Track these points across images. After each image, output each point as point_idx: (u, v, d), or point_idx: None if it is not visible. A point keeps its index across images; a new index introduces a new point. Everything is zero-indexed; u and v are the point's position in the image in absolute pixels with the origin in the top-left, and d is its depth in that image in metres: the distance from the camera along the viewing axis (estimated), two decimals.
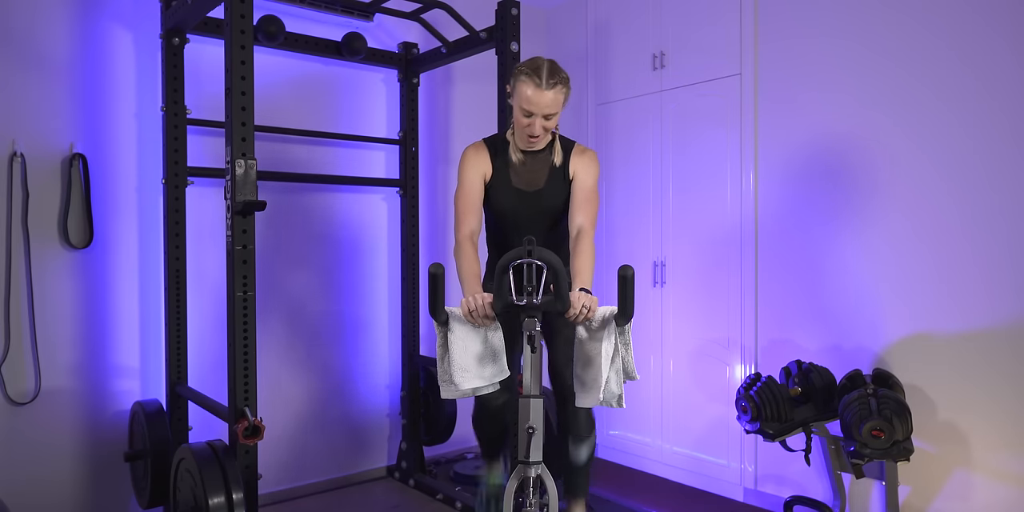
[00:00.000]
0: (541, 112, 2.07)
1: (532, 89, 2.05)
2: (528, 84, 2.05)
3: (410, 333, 3.51)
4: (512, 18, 2.91)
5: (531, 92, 2.05)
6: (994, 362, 2.51)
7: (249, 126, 2.25)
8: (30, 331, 2.70)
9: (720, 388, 3.32)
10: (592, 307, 1.86)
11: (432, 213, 3.80)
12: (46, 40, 2.73)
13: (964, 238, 2.58)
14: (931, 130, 2.67)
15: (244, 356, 2.29)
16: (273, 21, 2.98)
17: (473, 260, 2.07)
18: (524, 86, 2.06)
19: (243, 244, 2.26)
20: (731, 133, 3.28)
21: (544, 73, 2.05)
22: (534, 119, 2.09)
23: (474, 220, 2.17)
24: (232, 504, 2.13)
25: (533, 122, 2.09)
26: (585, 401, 1.98)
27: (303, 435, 3.37)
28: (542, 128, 2.10)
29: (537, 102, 2.05)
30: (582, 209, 2.17)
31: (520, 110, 2.10)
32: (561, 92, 2.08)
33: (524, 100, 2.06)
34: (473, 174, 2.21)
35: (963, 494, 2.59)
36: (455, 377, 1.93)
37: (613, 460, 3.84)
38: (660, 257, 3.58)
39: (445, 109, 3.89)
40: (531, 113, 2.08)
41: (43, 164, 2.72)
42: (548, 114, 2.08)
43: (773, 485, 3.15)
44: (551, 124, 2.11)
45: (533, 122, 2.09)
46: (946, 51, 2.62)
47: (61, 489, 2.77)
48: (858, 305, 2.87)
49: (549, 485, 1.82)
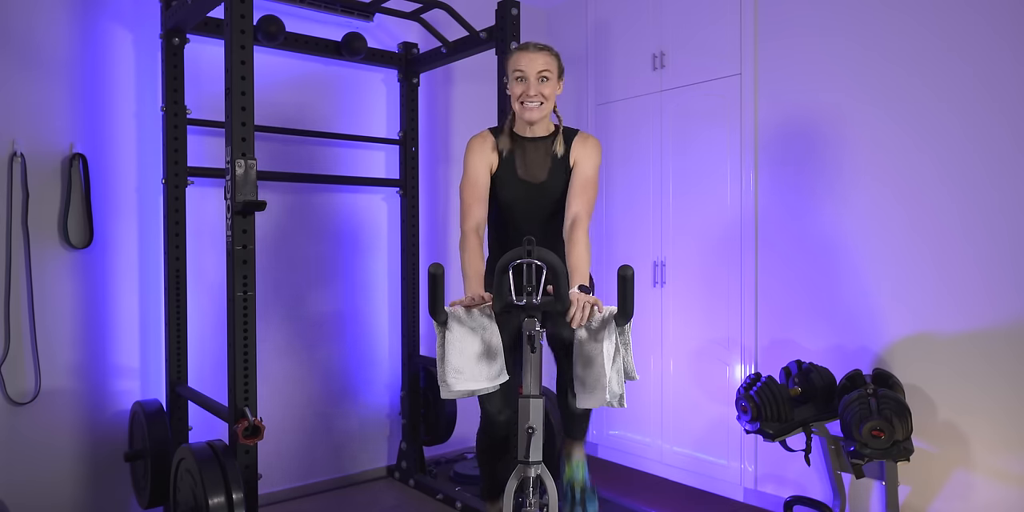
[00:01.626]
0: (533, 71, 2.09)
1: (521, 54, 2.12)
2: (517, 54, 2.14)
3: (410, 333, 3.51)
4: (512, 18, 2.91)
5: (521, 56, 2.11)
6: (994, 362, 2.51)
7: (249, 126, 2.25)
8: (30, 331, 2.70)
9: (720, 388, 3.32)
10: (598, 305, 1.86)
11: (432, 213, 3.80)
12: (46, 40, 2.73)
13: (964, 238, 2.58)
14: (931, 130, 2.67)
15: (244, 356, 2.29)
16: (273, 21, 2.98)
17: (478, 257, 2.06)
18: (514, 56, 2.14)
19: (243, 244, 2.26)
20: (731, 133, 3.28)
21: (532, 43, 2.14)
22: (528, 82, 2.10)
23: (480, 211, 2.15)
24: (232, 504, 2.13)
25: (528, 85, 2.10)
26: (588, 402, 1.98)
27: (303, 435, 3.37)
28: (537, 89, 2.11)
29: (528, 62, 2.09)
30: (579, 197, 2.14)
31: (514, 79, 2.12)
32: (552, 56, 2.13)
33: (515, 64, 2.11)
34: (479, 165, 2.19)
35: (963, 494, 2.59)
36: (454, 377, 1.92)
37: (613, 460, 3.84)
38: (660, 257, 3.58)
39: (445, 109, 3.89)
40: (524, 75, 2.10)
41: (43, 164, 2.72)
42: (541, 73, 2.10)
43: (773, 485, 3.15)
44: (547, 90, 2.12)
45: (528, 85, 2.10)
46: (946, 51, 2.62)
47: (61, 489, 2.77)
48: (858, 305, 2.87)
49: (549, 485, 1.82)
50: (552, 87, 2.14)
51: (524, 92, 2.11)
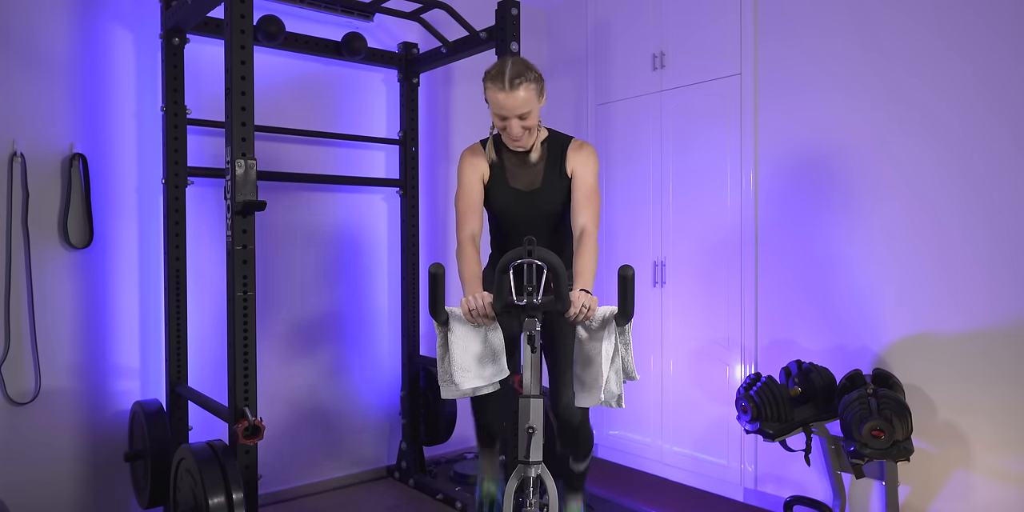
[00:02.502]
0: (513, 114, 2.05)
1: (498, 93, 2.03)
2: (494, 89, 2.04)
3: (410, 333, 3.51)
4: (512, 18, 2.91)
5: (499, 96, 2.03)
6: (994, 362, 2.51)
7: (249, 126, 2.25)
8: (30, 331, 2.70)
9: (720, 388, 3.32)
10: (592, 307, 1.86)
11: (432, 213, 3.80)
12: (46, 40, 2.73)
13: (964, 238, 2.58)
14: (931, 129, 2.67)
15: (244, 356, 2.29)
16: (273, 21, 2.98)
17: (474, 261, 2.07)
18: (491, 92, 2.05)
19: (243, 244, 2.26)
20: (731, 133, 3.28)
21: (507, 76, 2.02)
22: (509, 121, 2.07)
23: (475, 221, 2.16)
24: (232, 504, 2.13)
25: (510, 124, 2.07)
26: (585, 401, 1.98)
27: (303, 435, 3.37)
28: (521, 128, 2.08)
29: (506, 105, 2.03)
30: (584, 208, 2.15)
31: (494, 115, 2.09)
32: (530, 89, 2.04)
33: (495, 105, 2.06)
34: (471, 175, 2.21)
35: (963, 494, 2.59)
36: (455, 377, 1.93)
37: (613, 460, 3.84)
38: (660, 257, 3.58)
39: (445, 109, 3.89)
40: (505, 116, 2.06)
41: (43, 164, 2.72)
42: (522, 114, 2.06)
43: (773, 485, 3.15)
44: (530, 123, 2.09)
45: (510, 124, 2.07)
46: (945, 51, 2.62)
47: (61, 489, 2.77)
48: (858, 305, 2.87)
49: (549, 485, 1.82)
50: (535, 116, 2.10)
51: (507, 130, 2.09)
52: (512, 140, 2.13)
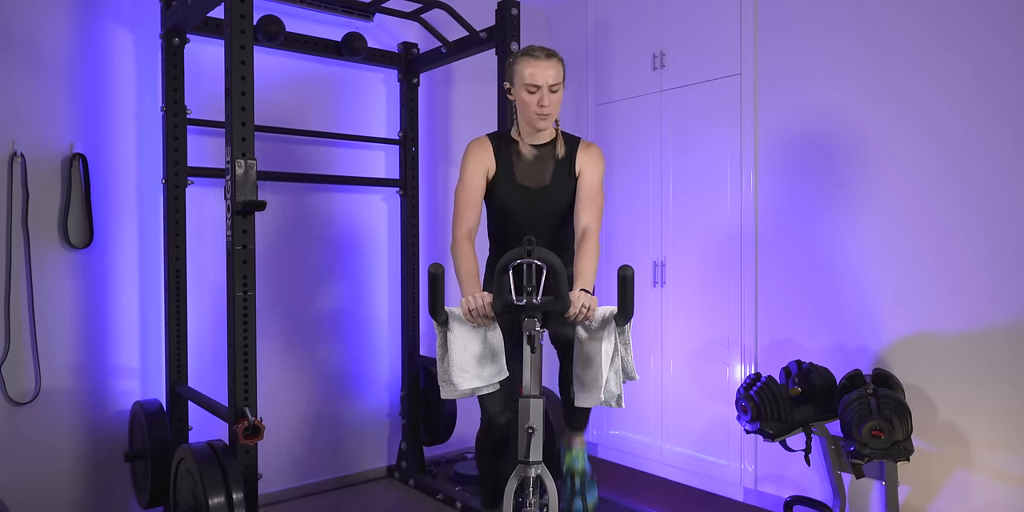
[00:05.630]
0: (546, 83, 2.09)
1: (533, 63, 2.10)
2: (527, 61, 2.11)
3: (410, 333, 3.51)
4: (512, 18, 2.91)
5: (532, 67, 2.09)
6: (994, 362, 2.51)
7: (249, 126, 2.25)
8: (30, 331, 2.70)
9: (720, 388, 3.32)
10: (592, 307, 1.86)
11: (432, 213, 3.80)
12: (46, 40, 2.73)
13: (964, 238, 2.58)
14: (931, 129, 2.67)
15: (244, 356, 2.29)
16: (273, 21, 2.98)
17: (471, 258, 2.06)
18: (524, 65, 2.11)
19: (243, 244, 2.26)
20: (731, 133, 3.28)
21: (539, 49, 2.13)
22: (540, 92, 2.10)
23: (473, 217, 2.15)
24: (232, 504, 2.13)
25: (540, 95, 2.10)
26: (585, 401, 1.98)
27: (303, 435, 3.37)
28: (550, 102, 2.11)
29: (541, 74, 2.09)
30: (587, 208, 2.15)
31: (524, 89, 2.11)
32: (559, 65, 2.13)
33: (527, 76, 2.09)
34: (476, 169, 2.20)
35: (963, 494, 2.59)
36: (454, 377, 1.93)
37: (613, 460, 3.84)
38: (660, 257, 3.58)
39: (445, 109, 3.89)
40: (537, 86, 2.10)
41: (43, 164, 2.72)
42: (552, 85, 2.10)
43: (773, 485, 3.15)
44: (556, 99, 2.12)
45: (540, 95, 2.10)
46: (946, 50, 2.62)
47: (61, 489, 2.77)
48: (858, 305, 2.87)
49: (549, 485, 1.82)
50: (560, 96, 2.15)
51: (538, 102, 2.11)
52: (538, 115, 2.13)
